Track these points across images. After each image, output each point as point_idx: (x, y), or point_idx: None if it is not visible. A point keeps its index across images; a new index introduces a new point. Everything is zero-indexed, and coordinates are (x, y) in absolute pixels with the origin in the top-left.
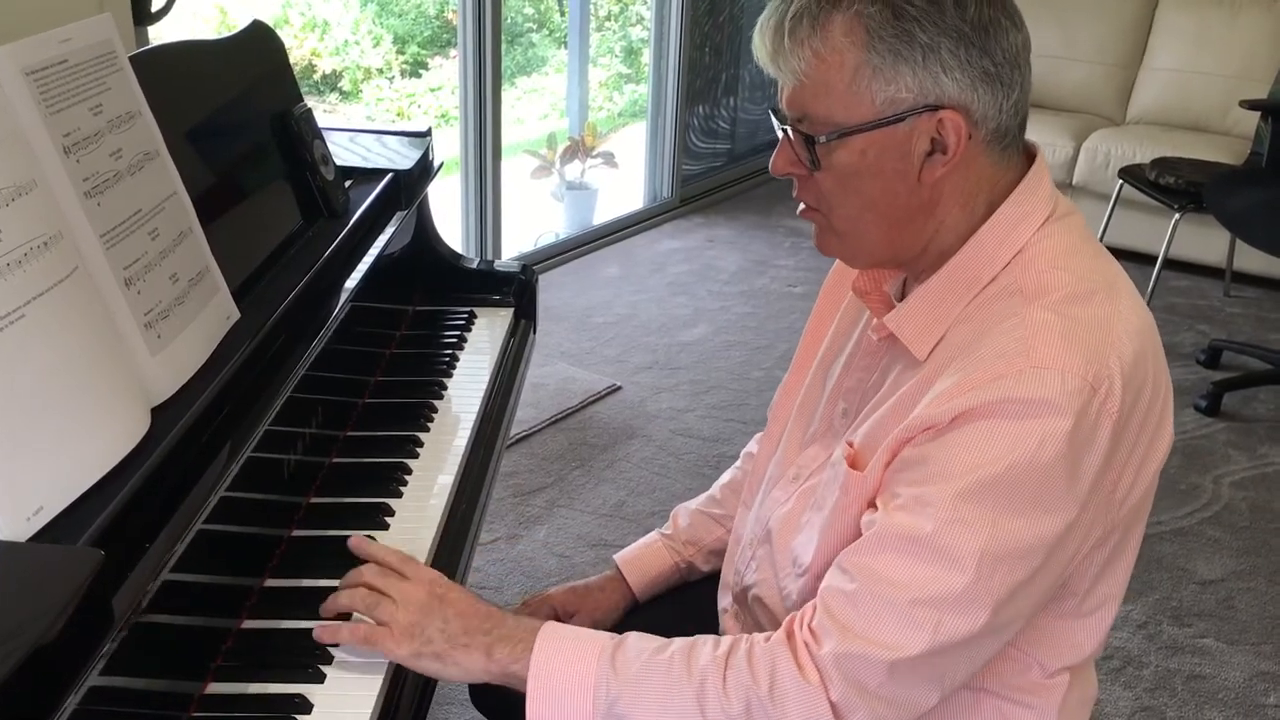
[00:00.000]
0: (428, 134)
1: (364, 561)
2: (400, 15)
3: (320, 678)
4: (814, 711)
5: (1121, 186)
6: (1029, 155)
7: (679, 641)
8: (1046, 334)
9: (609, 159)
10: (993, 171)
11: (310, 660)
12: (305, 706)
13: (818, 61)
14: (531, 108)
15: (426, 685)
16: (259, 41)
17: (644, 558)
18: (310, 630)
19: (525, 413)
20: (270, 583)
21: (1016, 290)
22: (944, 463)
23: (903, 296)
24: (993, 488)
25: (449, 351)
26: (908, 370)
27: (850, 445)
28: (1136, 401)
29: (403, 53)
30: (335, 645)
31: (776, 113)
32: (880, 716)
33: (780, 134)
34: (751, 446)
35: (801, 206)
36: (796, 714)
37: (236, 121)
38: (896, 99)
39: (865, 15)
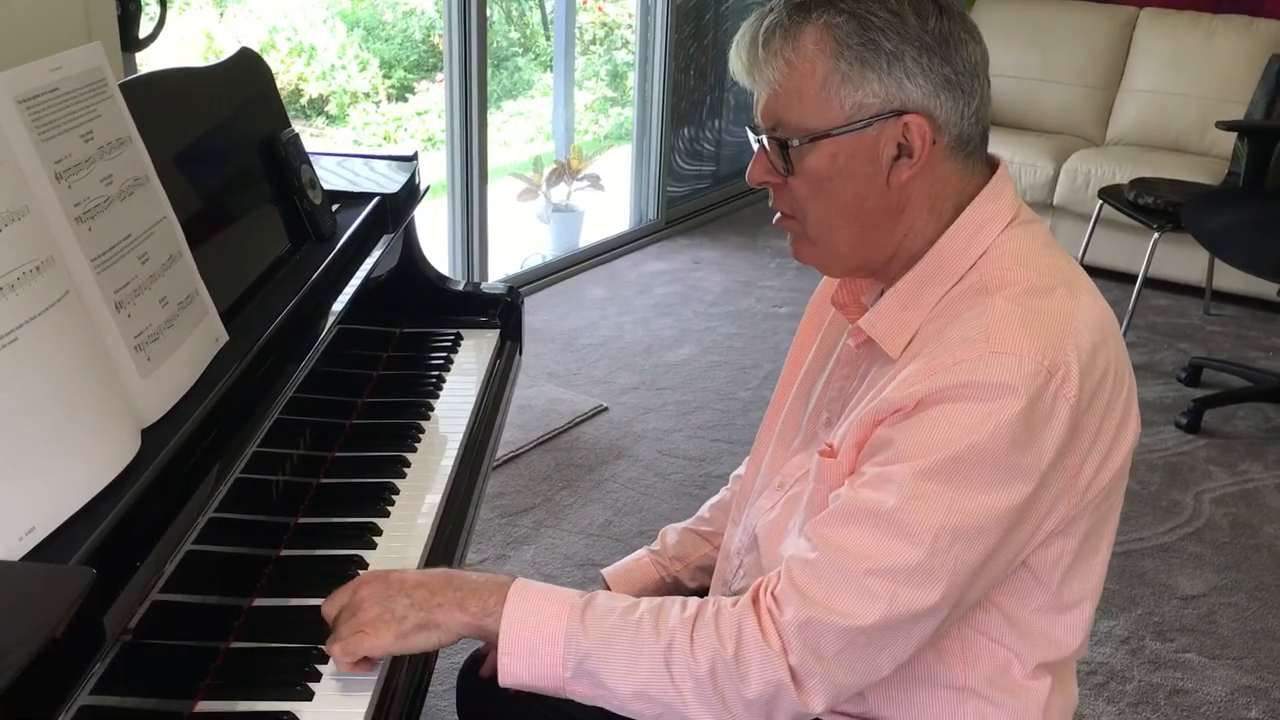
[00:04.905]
0: (414, 158)
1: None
2: (387, 40)
3: (309, 695)
4: (774, 675)
5: (1101, 207)
6: (992, 168)
7: (647, 601)
8: (1006, 322)
9: (594, 181)
10: (958, 177)
11: (299, 678)
12: None
13: (790, 70)
14: (517, 131)
15: (414, 702)
16: (246, 68)
17: (631, 572)
18: (298, 649)
19: (512, 433)
20: (259, 602)
21: (981, 288)
22: (906, 444)
23: None
24: (951, 467)
25: (436, 373)
26: (883, 370)
27: (829, 445)
28: (1098, 390)
29: (389, 77)
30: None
31: (753, 127)
32: (837, 683)
33: (756, 146)
34: (740, 470)
35: (778, 215)
36: (758, 677)
37: (225, 147)
38: (864, 104)
39: (834, 26)
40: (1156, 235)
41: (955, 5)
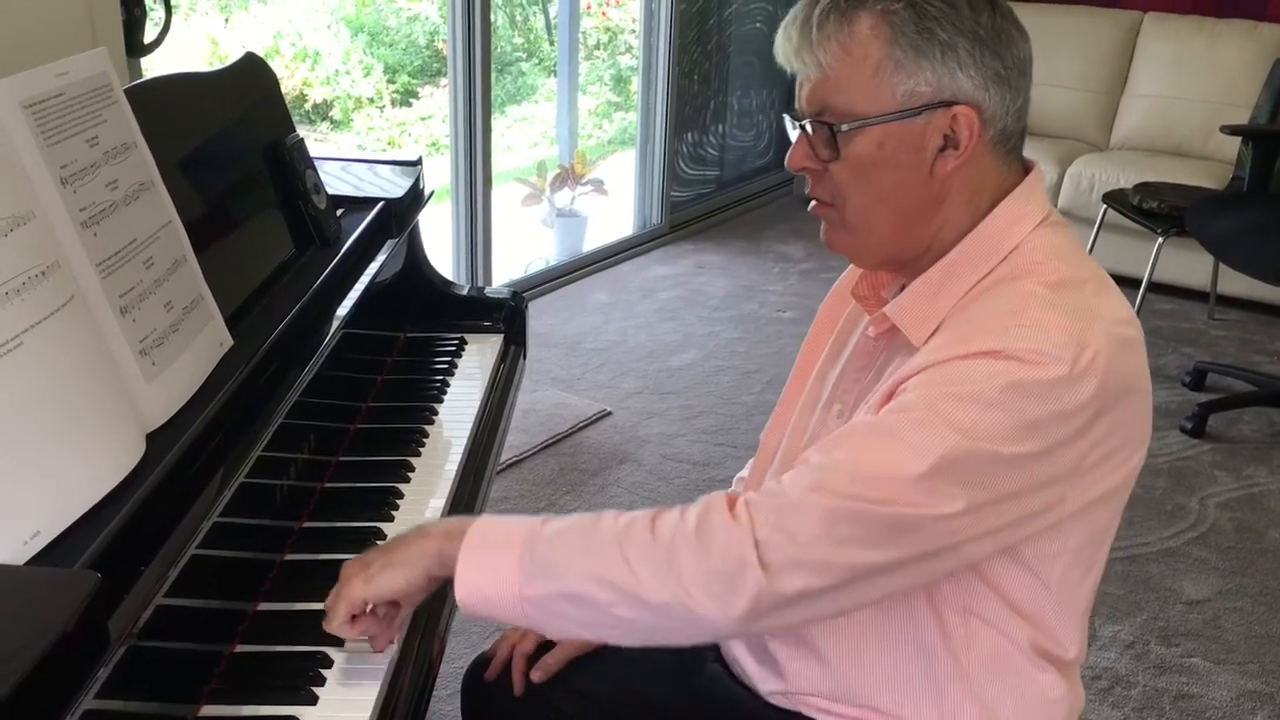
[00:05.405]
0: (418, 163)
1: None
2: (391, 45)
3: (313, 699)
4: (737, 547)
5: (1105, 211)
6: (1026, 170)
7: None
8: (1035, 301)
9: (598, 186)
10: (996, 173)
11: (303, 682)
12: None
13: (844, 54)
14: (521, 136)
15: (419, 706)
16: (251, 73)
17: None
18: (302, 653)
19: (516, 438)
20: (263, 606)
21: (1010, 276)
22: (922, 383)
23: None
24: (967, 403)
25: (440, 377)
26: (902, 363)
27: None
28: (1125, 384)
29: (393, 82)
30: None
31: (794, 113)
32: (804, 567)
33: (798, 132)
34: (744, 472)
35: (813, 203)
36: (720, 548)
37: (229, 152)
38: (916, 92)
39: (890, 12)
40: (1161, 240)
41: (1006, 3)
